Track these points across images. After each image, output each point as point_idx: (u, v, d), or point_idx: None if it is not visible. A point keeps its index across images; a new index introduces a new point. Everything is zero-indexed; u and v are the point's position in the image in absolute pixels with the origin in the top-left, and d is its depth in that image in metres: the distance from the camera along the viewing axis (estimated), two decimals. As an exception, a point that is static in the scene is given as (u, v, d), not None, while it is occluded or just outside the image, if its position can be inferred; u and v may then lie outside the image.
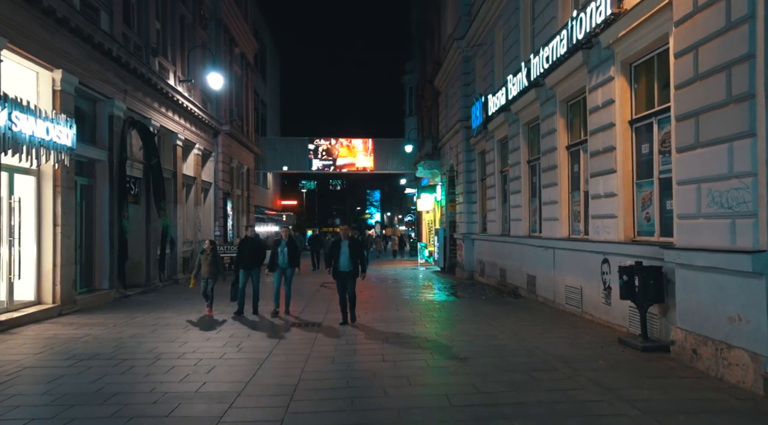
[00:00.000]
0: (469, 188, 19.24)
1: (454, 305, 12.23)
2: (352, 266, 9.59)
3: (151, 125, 15.61)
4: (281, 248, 10.66)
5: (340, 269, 9.58)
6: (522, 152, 13.66)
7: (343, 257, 9.56)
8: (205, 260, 10.81)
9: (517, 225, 14.14)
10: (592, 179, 9.49)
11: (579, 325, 9.10)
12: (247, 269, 10.85)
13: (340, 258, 9.56)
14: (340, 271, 9.59)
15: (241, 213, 27.19)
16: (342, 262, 9.56)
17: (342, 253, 9.57)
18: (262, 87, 37.85)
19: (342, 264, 9.57)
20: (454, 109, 20.86)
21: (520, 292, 13.51)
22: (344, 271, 9.59)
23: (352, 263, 9.56)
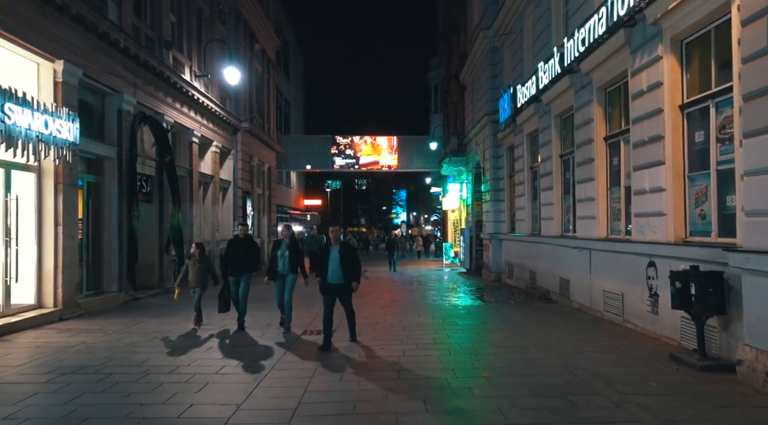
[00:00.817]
0: (497, 186, 18.25)
1: (480, 310, 11.32)
2: (344, 278, 7.77)
3: (164, 120, 15.05)
4: (282, 251, 9.01)
5: (329, 281, 7.77)
6: (554, 146, 12.66)
7: (332, 266, 7.74)
8: (192, 266, 9.27)
9: (548, 224, 13.14)
10: (635, 172, 8.49)
11: (620, 336, 8.11)
12: (237, 274, 9.26)
13: (329, 267, 7.75)
14: (329, 283, 7.79)
15: (263, 213, 26.64)
16: (331, 272, 7.75)
17: (332, 260, 7.77)
18: (285, 85, 37.36)
19: (331, 275, 7.75)
20: (480, 102, 19.88)
21: (552, 296, 12.51)
22: (334, 284, 7.76)
23: (344, 273, 7.76)
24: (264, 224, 26.52)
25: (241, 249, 9.28)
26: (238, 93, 22.43)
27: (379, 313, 10.98)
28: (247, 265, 9.29)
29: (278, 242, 9.29)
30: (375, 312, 11.09)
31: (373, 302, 12.63)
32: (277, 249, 9.06)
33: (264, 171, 26.98)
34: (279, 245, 9.14)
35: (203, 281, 9.29)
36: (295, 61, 41.63)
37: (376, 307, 11.88)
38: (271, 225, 27.68)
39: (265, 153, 26.68)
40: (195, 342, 8.14)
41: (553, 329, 8.82)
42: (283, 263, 8.96)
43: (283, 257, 8.97)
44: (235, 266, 9.22)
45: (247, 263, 9.28)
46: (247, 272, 9.32)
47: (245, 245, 9.37)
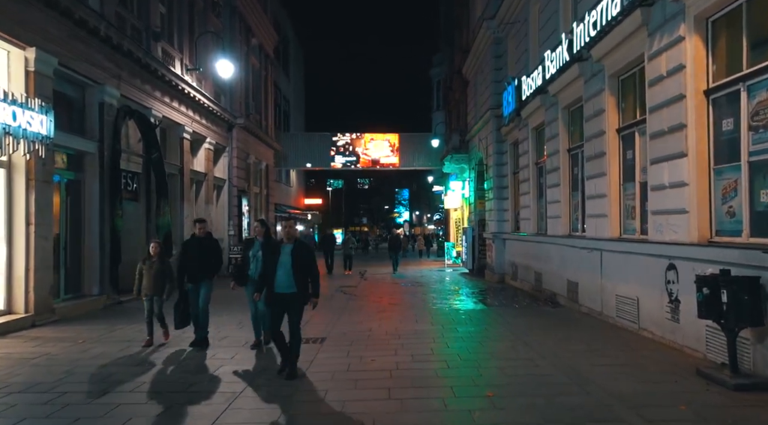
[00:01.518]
0: (500, 183, 17.50)
1: (482, 315, 10.59)
2: (296, 287, 6.12)
3: (152, 115, 14.36)
4: (254, 251, 7.55)
5: (276, 290, 6.14)
6: (561, 140, 11.91)
7: (282, 272, 6.12)
8: (148, 270, 7.89)
9: (554, 223, 12.40)
10: (652, 166, 7.74)
11: (637, 346, 7.37)
12: (194, 281, 7.77)
13: (277, 273, 6.15)
14: (275, 293, 6.16)
15: (260, 212, 25.95)
16: (279, 279, 6.12)
17: (281, 265, 6.14)
18: (285, 83, 36.68)
19: (279, 282, 6.12)
20: (483, 97, 19.13)
21: (559, 300, 11.77)
22: (282, 293, 6.13)
23: (296, 280, 6.11)
24: (261, 223, 25.82)
25: (199, 251, 7.83)
26: (234, 89, 21.74)
27: (375, 319, 10.26)
28: (206, 269, 7.80)
29: (250, 241, 7.94)
30: (370, 318, 10.38)
31: (369, 307, 11.92)
32: (249, 249, 7.70)
33: (261, 169, 26.31)
34: (251, 244, 7.76)
35: (160, 287, 7.88)
36: (295, 59, 40.94)
37: (372, 312, 11.16)
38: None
39: (262, 151, 26.00)
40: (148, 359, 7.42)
41: (562, 337, 8.08)
42: (255, 266, 7.43)
43: (256, 259, 7.44)
44: (192, 271, 7.74)
45: (206, 266, 7.80)
46: (207, 277, 7.83)
47: (203, 246, 7.93)
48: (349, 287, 15.96)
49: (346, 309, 11.50)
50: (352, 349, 7.60)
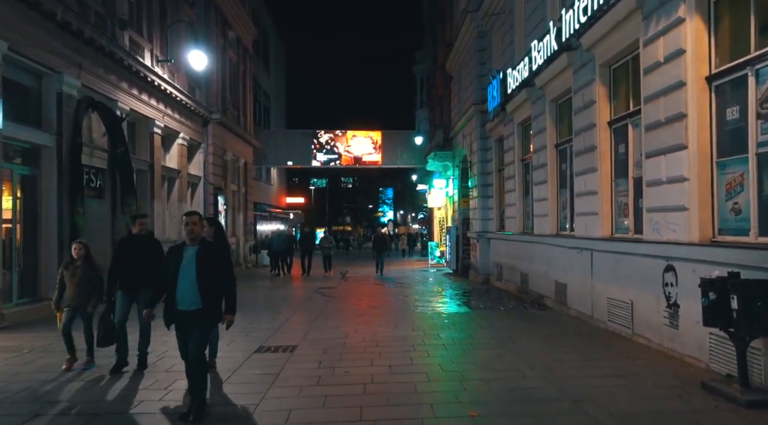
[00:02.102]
0: (485, 181, 16.96)
1: (466, 319, 10.00)
2: (202, 302, 4.72)
3: (118, 107, 13.57)
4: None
5: (177, 306, 4.74)
6: (548, 135, 11.37)
7: (184, 283, 4.71)
8: (71, 277, 6.40)
9: (541, 222, 11.86)
10: (648, 160, 7.21)
11: (632, 354, 6.82)
12: (130, 290, 6.41)
13: (178, 283, 4.72)
14: (178, 310, 4.75)
15: (238, 210, 25.16)
16: (181, 291, 4.71)
17: (183, 274, 4.70)
18: (265, 78, 35.84)
19: (181, 296, 4.72)
20: (467, 92, 18.58)
21: (546, 302, 11.23)
22: (184, 311, 4.73)
23: (201, 293, 4.71)
24: (239, 222, 25.04)
25: (137, 254, 6.36)
26: (209, 83, 20.95)
27: (351, 323, 9.62)
28: (146, 277, 6.03)
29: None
30: (347, 322, 9.74)
31: (348, 310, 11.28)
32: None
33: (239, 166, 25.50)
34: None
35: (86, 298, 6.41)
36: (275, 54, 40.08)
37: (349, 315, 10.53)
38: (247, 224, 26.20)
39: (240, 147, 25.20)
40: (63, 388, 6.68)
41: (551, 344, 7.52)
42: None
43: None
44: (126, 279, 6.33)
45: (146, 274, 6.07)
46: (148, 287, 5.80)
47: (145, 249, 6.44)
48: (328, 289, 15.30)
49: (323, 313, 10.85)
50: (324, 359, 6.96)
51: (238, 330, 9.04)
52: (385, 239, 22.53)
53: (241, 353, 7.33)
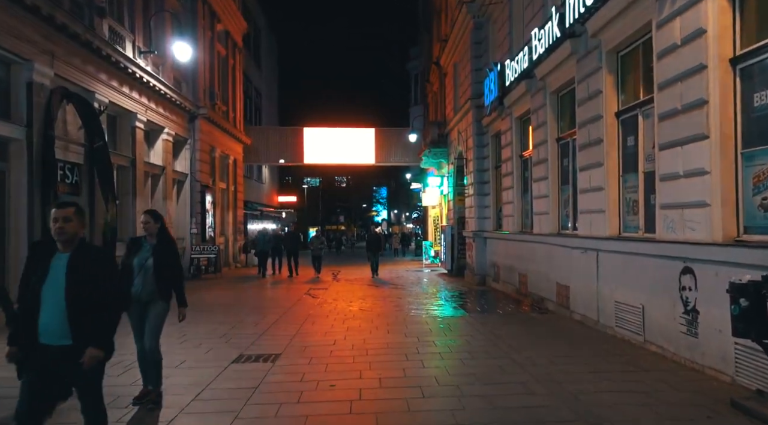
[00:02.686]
0: (481, 178, 16.37)
1: (463, 324, 9.39)
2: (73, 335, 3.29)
3: (96, 99, 12.86)
4: (141, 257, 5.04)
5: (40, 339, 3.26)
6: (549, 128, 10.78)
7: (48, 306, 3.27)
8: None
9: (541, 220, 11.27)
10: (662, 152, 6.61)
11: (646, 364, 6.23)
12: None
13: (41, 309, 3.27)
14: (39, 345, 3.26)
15: (226, 209, 24.46)
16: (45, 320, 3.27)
17: (47, 294, 3.28)
18: (256, 75, 35.13)
19: (44, 326, 3.26)
20: (463, 87, 17.98)
21: (547, 305, 10.65)
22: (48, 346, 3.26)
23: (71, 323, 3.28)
24: (228, 220, 24.35)
25: None
26: (196, 76, 20.25)
27: (341, 328, 9.00)
28: None
29: (135, 241, 5.22)
30: (335, 327, 9.11)
31: (337, 313, 10.65)
32: (134, 255, 5.06)
33: (229, 164, 24.80)
34: (137, 247, 5.14)
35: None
36: (267, 50, 39.34)
37: (339, 320, 9.89)
38: (237, 222, 25.51)
39: (229, 144, 24.50)
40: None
41: (556, 353, 6.91)
42: (143, 280, 5.01)
43: (144, 269, 5.01)
44: None
45: None
46: None
47: None
48: (318, 291, 14.67)
49: (311, 317, 10.22)
50: (309, 370, 6.33)
51: (218, 335, 8.43)
52: (380, 239, 21.18)
53: (218, 363, 6.68)
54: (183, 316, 5.50)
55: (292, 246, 19.67)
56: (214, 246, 19.57)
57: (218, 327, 9.12)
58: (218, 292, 14.78)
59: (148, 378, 5.22)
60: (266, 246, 19.70)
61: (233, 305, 11.99)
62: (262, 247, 19.78)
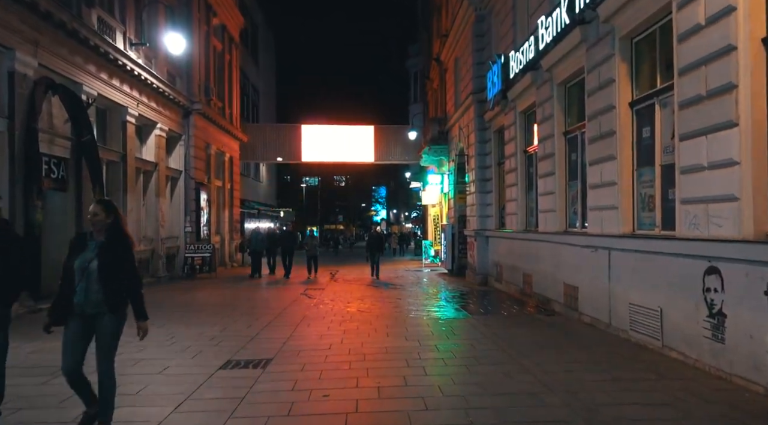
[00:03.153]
0: (483, 175, 15.89)
1: (466, 326, 8.90)
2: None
3: (84, 92, 12.38)
4: (83, 258, 4.04)
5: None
6: (556, 122, 10.30)
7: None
8: None
9: (547, 218, 10.80)
10: (683, 143, 6.13)
11: (667, 372, 5.75)
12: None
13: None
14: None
15: (222, 207, 23.98)
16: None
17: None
18: (254, 72, 34.66)
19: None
20: (464, 81, 17.49)
21: (554, 306, 10.17)
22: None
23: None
24: (224, 219, 23.88)
25: None
26: (191, 71, 19.75)
27: (338, 331, 8.51)
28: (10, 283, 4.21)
29: (80, 239, 4.21)
30: (332, 330, 8.63)
31: (334, 315, 10.17)
32: (76, 256, 4.07)
33: (225, 161, 24.32)
34: (80, 245, 4.14)
35: None
36: (264, 47, 38.85)
37: (336, 322, 9.41)
38: (233, 221, 25.02)
39: (225, 141, 24.01)
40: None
41: (567, 358, 6.44)
42: (86, 287, 4.01)
43: (88, 273, 4.01)
44: None
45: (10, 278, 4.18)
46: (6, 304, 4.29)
47: None
48: (315, 291, 14.19)
49: (307, 318, 9.73)
50: (301, 377, 5.84)
51: (207, 338, 7.95)
52: (381, 239, 19.78)
53: (204, 369, 6.20)
54: (144, 332, 4.27)
55: (288, 246, 18.90)
56: (209, 245, 19.06)
57: (208, 330, 8.63)
58: (211, 292, 14.30)
59: (100, 410, 4.18)
60: (260, 246, 19.07)
61: (226, 306, 11.51)
62: (255, 246, 19.13)
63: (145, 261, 16.30)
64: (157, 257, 16.86)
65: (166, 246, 17.64)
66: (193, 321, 9.46)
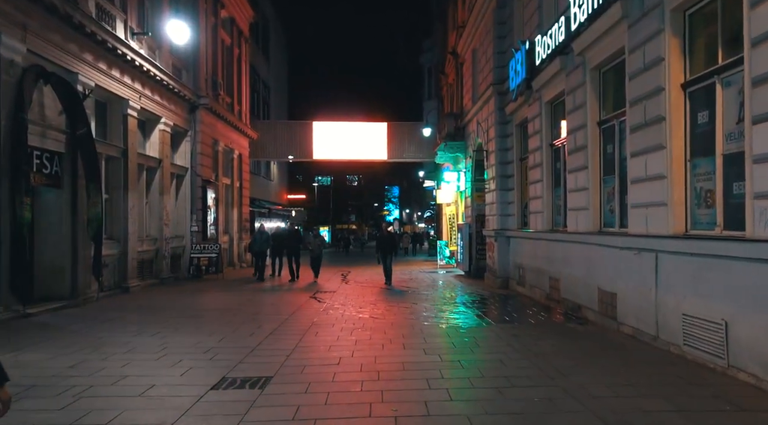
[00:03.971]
0: (504, 171, 14.94)
1: (491, 336, 7.99)
2: None
3: (79, 82, 11.63)
4: None
5: None
6: (589, 110, 9.34)
7: None
8: None
9: (578, 217, 9.84)
10: (758, 126, 5.18)
11: (743, 399, 4.80)
12: None
13: None
14: None
15: (231, 206, 23.24)
16: None
17: None
18: (264, 67, 33.92)
19: None
20: (483, 73, 16.55)
21: (586, 314, 9.22)
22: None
23: None
24: (233, 218, 23.13)
25: None
26: (197, 64, 19.00)
27: (348, 341, 7.65)
28: None
29: None
30: (342, 339, 7.77)
31: (345, 321, 9.31)
32: None
33: (233, 158, 23.57)
34: None
35: None
36: (276, 43, 38.13)
37: (346, 329, 8.55)
38: (242, 220, 24.27)
39: (234, 138, 23.25)
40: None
41: (616, 379, 5.51)
42: None
43: None
44: None
45: None
46: None
47: None
48: (325, 294, 13.34)
49: (315, 327, 8.87)
50: (304, 401, 4.98)
51: (203, 350, 7.12)
52: (393, 239, 17.40)
53: (193, 389, 5.36)
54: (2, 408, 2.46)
55: (292, 246, 17.29)
56: (215, 245, 18.28)
57: (205, 339, 7.81)
58: (215, 295, 13.51)
59: None
60: (263, 246, 17.83)
61: (228, 311, 10.70)
62: (259, 247, 17.76)
63: (148, 262, 15.57)
64: (160, 257, 16.12)
65: (171, 246, 16.89)
66: (190, 329, 8.64)
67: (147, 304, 11.63)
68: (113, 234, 13.77)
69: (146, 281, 15.01)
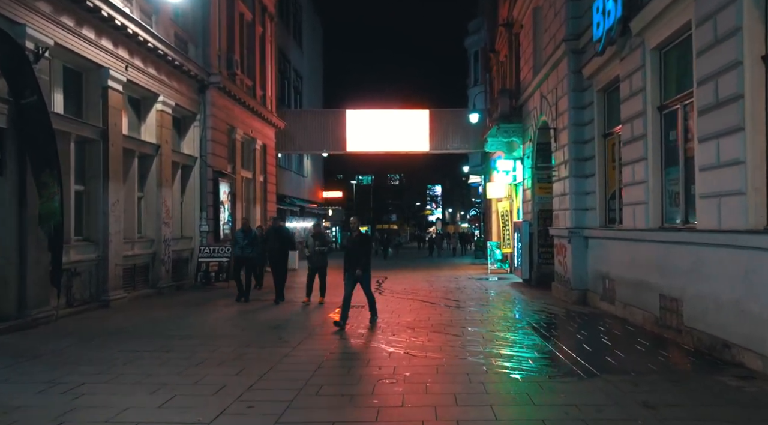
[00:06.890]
0: (580, 153, 11.58)
1: (600, 401, 4.75)
2: None
3: (28, 36, 8.98)
4: None
5: None
6: (746, 42, 5.98)
7: None
8: None
9: (722, 207, 6.47)
10: None
11: None
12: None
13: None
14: None
15: (253, 203, 20.59)
16: None
17: None
18: (297, 54, 31.29)
19: None
20: (551, 30, 13.20)
21: (742, 358, 5.86)
22: None
23: None
24: (255, 216, 20.44)
25: None
26: (208, 37, 16.33)
27: (366, 390, 4.58)
28: None
29: None
30: (368, 392, 4.70)
31: (366, 359, 6.23)
32: None
33: (256, 149, 20.89)
34: None
35: None
36: (310, 30, 35.46)
37: (368, 378, 5.46)
38: (266, 218, 21.54)
39: (256, 126, 20.57)
40: None
41: None
42: None
43: None
44: None
45: None
46: None
47: None
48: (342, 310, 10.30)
49: (321, 370, 5.81)
50: None
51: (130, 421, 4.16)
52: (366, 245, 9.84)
53: None
54: None
55: (276, 252, 12.22)
56: (226, 247, 15.52)
57: (151, 396, 4.90)
58: (208, 312, 10.72)
59: None
60: (246, 251, 12.26)
61: (212, 338, 7.82)
62: (241, 252, 12.30)
63: (142, 268, 12.95)
64: (158, 262, 13.47)
65: (173, 249, 14.24)
66: (141, 371, 5.74)
67: (119, 325, 8.92)
68: (89, 235, 11.16)
69: (136, 292, 12.36)
